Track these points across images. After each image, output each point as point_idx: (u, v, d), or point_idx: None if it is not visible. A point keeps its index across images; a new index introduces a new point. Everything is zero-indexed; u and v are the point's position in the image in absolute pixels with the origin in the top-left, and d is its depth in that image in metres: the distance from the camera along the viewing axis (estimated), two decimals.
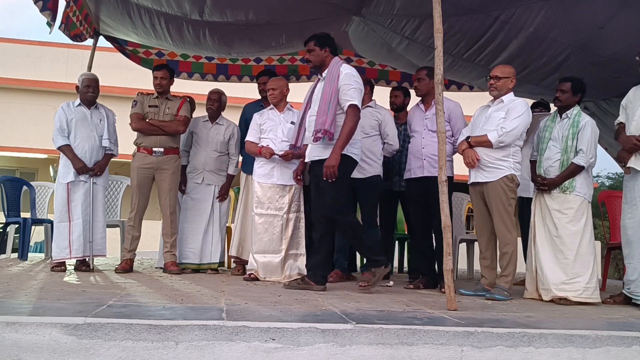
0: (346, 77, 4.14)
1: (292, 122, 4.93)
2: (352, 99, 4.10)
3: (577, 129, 4.24)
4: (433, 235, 4.79)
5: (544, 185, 4.32)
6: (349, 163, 4.18)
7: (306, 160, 4.42)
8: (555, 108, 4.53)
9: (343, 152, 4.08)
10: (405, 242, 6.57)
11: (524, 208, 5.36)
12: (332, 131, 4.08)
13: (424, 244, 4.84)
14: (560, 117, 4.40)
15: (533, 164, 4.52)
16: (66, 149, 4.90)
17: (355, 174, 4.86)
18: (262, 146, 4.86)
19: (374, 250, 4.28)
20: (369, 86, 5.23)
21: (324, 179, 4.04)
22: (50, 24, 4.38)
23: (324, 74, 4.29)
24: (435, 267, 4.78)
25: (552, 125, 4.42)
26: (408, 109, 5.36)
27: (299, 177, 4.83)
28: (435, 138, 4.18)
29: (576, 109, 4.36)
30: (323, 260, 4.31)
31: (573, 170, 4.24)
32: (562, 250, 4.20)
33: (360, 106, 4.16)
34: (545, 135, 4.42)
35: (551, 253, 4.26)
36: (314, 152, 4.26)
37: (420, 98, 4.92)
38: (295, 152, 4.82)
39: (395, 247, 6.41)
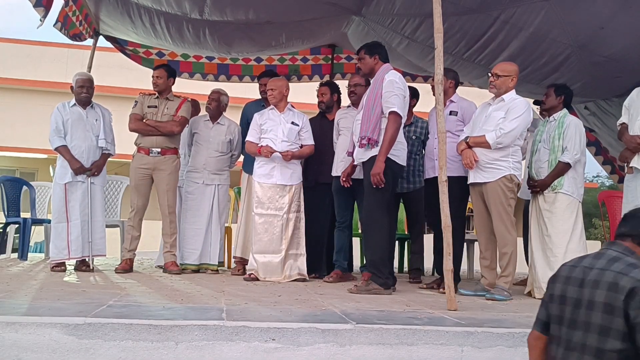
0: (389, 84, 4.17)
1: (293, 123, 4.93)
2: (392, 106, 4.11)
3: (562, 129, 4.38)
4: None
5: (536, 187, 4.42)
6: (391, 167, 4.16)
7: (355, 163, 4.47)
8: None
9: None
10: (405, 242, 6.57)
11: (528, 210, 5.37)
12: (375, 138, 4.14)
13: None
14: (549, 120, 4.56)
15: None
16: (63, 150, 4.89)
17: (358, 175, 4.87)
18: (262, 146, 4.86)
19: (381, 268, 4.17)
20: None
21: (373, 186, 4.09)
22: (41, 20, 4.39)
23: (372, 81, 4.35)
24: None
25: (542, 130, 4.57)
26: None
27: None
28: (449, 139, 4.30)
29: (562, 112, 4.51)
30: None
31: (561, 169, 4.34)
32: (552, 249, 4.30)
33: (402, 113, 4.16)
34: (537, 139, 4.57)
35: (542, 252, 4.37)
36: (359, 155, 4.33)
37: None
38: (295, 152, 4.83)
39: (395, 247, 6.40)
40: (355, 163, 4.47)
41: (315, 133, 5.14)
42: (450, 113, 4.68)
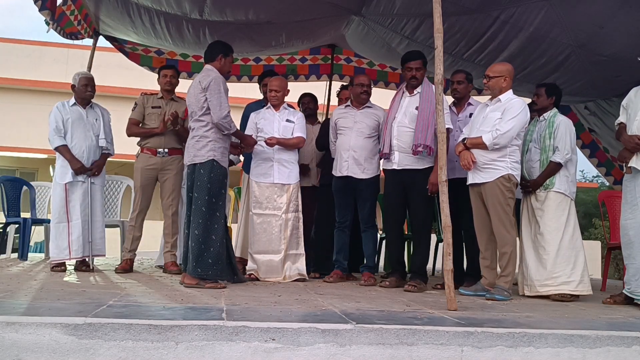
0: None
1: (288, 120, 4.92)
2: (447, 124, 4.37)
3: (552, 128, 4.43)
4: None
5: (528, 187, 4.46)
6: None
7: (398, 168, 4.61)
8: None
9: None
10: (405, 242, 6.55)
11: (519, 209, 5.39)
12: (433, 147, 4.42)
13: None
14: (539, 119, 4.59)
15: None
16: (63, 150, 4.88)
17: (358, 174, 4.87)
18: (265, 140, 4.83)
19: (425, 271, 4.67)
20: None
21: (429, 194, 4.51)
22: (48, 23, 4.41)
23: (415, 91, 4.64)
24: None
25: (532, 129, 4.58)
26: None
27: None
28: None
29: (552, 111, 4.55)
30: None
31: (552, 169, 4.40)
32: (544, 247, 4.34)
33: (450, 126, 4.54)
34: (527, 139, 4.57)
35: (534, 250, 4.41)
36: (406, 161, 4.57)
37: (453, 100, 5.04)
38: (280, 139, 4.81)
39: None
40: (397, 168, 4.61)
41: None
42: (470, 115, 4.77)
